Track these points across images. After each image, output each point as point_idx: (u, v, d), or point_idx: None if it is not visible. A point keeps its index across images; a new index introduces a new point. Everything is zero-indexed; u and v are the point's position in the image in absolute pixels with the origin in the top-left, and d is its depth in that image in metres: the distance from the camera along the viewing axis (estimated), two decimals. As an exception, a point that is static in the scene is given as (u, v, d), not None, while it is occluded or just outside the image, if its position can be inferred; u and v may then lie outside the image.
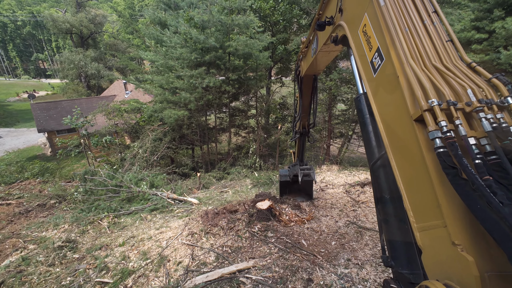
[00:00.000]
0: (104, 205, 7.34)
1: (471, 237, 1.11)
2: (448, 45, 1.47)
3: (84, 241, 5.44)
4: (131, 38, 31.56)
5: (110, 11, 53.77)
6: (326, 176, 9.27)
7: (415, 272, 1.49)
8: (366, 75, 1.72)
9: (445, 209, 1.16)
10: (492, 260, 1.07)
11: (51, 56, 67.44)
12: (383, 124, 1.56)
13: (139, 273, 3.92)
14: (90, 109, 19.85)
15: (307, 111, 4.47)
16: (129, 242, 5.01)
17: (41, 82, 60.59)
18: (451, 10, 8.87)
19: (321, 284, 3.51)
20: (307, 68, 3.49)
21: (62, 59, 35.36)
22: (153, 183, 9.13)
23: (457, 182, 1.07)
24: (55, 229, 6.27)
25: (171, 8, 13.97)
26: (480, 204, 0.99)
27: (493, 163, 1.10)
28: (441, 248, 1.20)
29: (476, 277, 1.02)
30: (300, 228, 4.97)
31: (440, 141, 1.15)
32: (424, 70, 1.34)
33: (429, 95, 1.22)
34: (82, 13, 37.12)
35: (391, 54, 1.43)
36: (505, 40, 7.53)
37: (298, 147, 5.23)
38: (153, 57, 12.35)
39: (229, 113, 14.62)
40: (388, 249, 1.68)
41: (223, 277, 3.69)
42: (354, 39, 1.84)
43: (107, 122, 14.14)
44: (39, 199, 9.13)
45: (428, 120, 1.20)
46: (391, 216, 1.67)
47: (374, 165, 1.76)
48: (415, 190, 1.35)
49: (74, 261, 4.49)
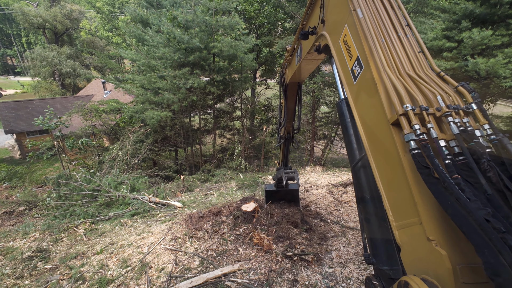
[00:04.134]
0: (80, 211, 6.93)
1: (444, 233, 1.19)
2: (420, 56, 1.59)
3: (57, 250, 5.09)
4: (111, 36, 30.26)
5: (87, 6, 51.26)
6: (310, 177, 9.44)
7: (395, 268, 1.56)
8: (347, 81, 1.82)
9: (420, 207, 1.23)
10: (463, 253, 1.15)
11: (20, 52, 62.80)
12: (363, 127, 1.65)
13: (119, 282, 3.73)
14: (65, 109, 18.72)
15: (291, 117, 4.58)
16: (107, 250, 4.77)
17: (9, 79, 56.22)
18: (424, 20, 9.44)
19: (306, 284, 3.55)
20: (292, 76, 3.60)
21: (34, 56, 33.06)
22: (134, 186, 8.77)
23: (430, 181, 1.15)
24: (24, 238, 5.82)
25: (153, 6, 13.60)
26: (451, 201, 1.06)
27: (461, 163, 1.20)
28: (418, 245, 1.27)
29: (449, 269, 1.09)
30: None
31: (414, 143, 1.24)
32: (399, 78, 1.44)
33: (404, 101, 1.32)
34: (56, 7, 35.03)
35: (370, 63, 1.53)
36: (471, 49, 8.14)
37: (282, 152, 5.34)
38: (134, 56, 11.92)
39: (213, 115, 14.46)
40: (370, 247, 1.74)
41: (208, 282, 3.62)
42: (336, 48, 1.94)
43: (84, 123, 13.42)
44: (5, 206, 8.43)
45: (404, 124, 1.29)
46: (372, 215, 1.74)
47: (356, 166, 1.85)
48: (393, 189, 1.43)
49: (46, 272, 4.18)
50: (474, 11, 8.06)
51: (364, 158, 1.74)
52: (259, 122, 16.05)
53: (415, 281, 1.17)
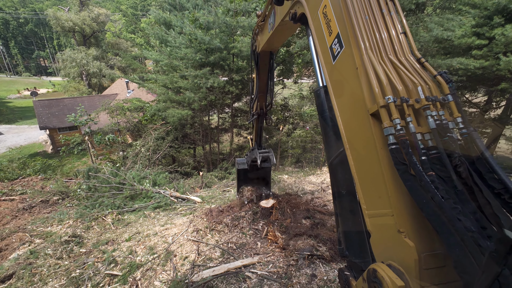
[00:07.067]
0: (108, 202, 7.42)
1: (413, 226, 1.26)
2: (402, 38, 1.48)
3: (89, 237, 5.52)
4: (134, 38, 31.73)
5: (112, 9, 53.95)
6: (327, 178, 9.39)
7: (366, 260, 1.65)
8: (325, 60, 1.65)
9: (394, 200, 1.28)
10: (426, 242, 1.23)
11: (52, 54, 67.44)
12: (341, 116, 1.56)
13: (147, 267, 4.01)
14: (92, 107, 19.92)
15: (264, 90, 4.17)
16: (135, 238, 5.10)
17: (42, 79, 60.57)
18: (452, 16, 9.02)
19: (324, 279, 3.62)
20: (264, 44, 3.21)
21: (64, 57, 35.46)
22: (156, 181, 9.20)
23: (406, 178, 1.18)
24: (59, 225, 6.35)
25: (176, 8, 14.12)
26: (426, 199, 1.11)
27: (434, 157, 1.23)
28: (388, 234, 1.33)
29: (415, 260, 1.18)
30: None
31: (393, 138, 1.22)
32: (381, 63, 1.36)
33: (385, 92, 1.26)
34: (85, 11, 37.27)
35: (351, 43, 1.40)
36: (504, 46, 7.69)
37: (256, 130, 4.85)
38: (158, 57, 12.46)
39: (231, 114, 14.74)
40: (343, 241, 1.80)
41: (229, 271, 3.79)
42: (314, 19, 1.73)
43: (110, 120, 14.22)
44: (42, 195, 9.19)
45: (384, 117, 1.25)
46: (347, 210, 1.78)
47: (333, 162, 1.81)
48: (368, 181, 1.43)
49: (81, 255, 4.57)
50: (508, 6, 7.61)
51: (342, 154, 1.66)
52: (275, 122, 16.11)
53: (382, 268, 1.27)
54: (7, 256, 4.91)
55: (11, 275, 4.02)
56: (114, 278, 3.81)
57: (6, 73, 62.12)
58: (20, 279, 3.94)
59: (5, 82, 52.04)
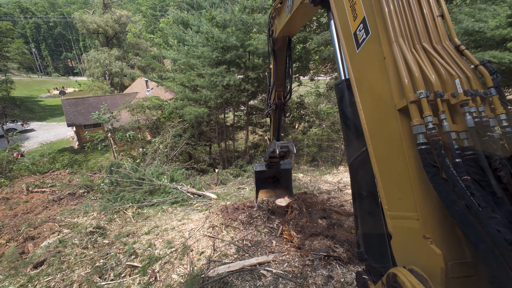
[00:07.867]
0: (129, 196, 7.75)
1: (440, 232, 1.16)
2: (439, 21, 1.30)
3: (112, 228, 5.79)
4: (153, 38, 32.85)
5: (132, 11, 55.92)
6: (344, 177, 9.14)
7: (386, 266, 1.55)
8: (348, 48, 1.50)
9: (420, 204, 1.18)
10: (455, 250, 1.13)
11: (78, 55, 71.45)
12: (364, 111, 1.41)
13: (165, 260, 4.14)
14: (114, 105, 20.86)
15: (282, 79, 3.90)
16: (154, 231, 5.29)
17: (69, 79, 64.44)
18: (485, 6, 8.37)
19: (341, 281, 3.53)
20: (281, 29, 3.01)
21: (89, 58, 37.46)
22: (173, 177, 9.47)
23: (437, 182, 1.06)
24: (85, 216, 6.73)
25: (193, 8, 14.36)
26: (459, 206, 1.00)
27: (469, 159, 1.10)
28: (411, 238, 1.24)
29: (442, 268, 1.08)
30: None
31: (423, 137, 1.10)
32: (413, 52, 1.21)
33: (417, 85, 1.12)
34: (108, 13, 39.00)
35: (379, 29, 1.24)
36: (545, 38, 7.02)
37: (273, 122, 4.53)
38: (176, 56, 12.76)
39: (246, 111, 14.78)
40: (363, 244, 1.73)
41: (244, 268, 3.81)
42: (336, 1, 1.58)
43: (131, 118, 14.82)
44: (69, 188, 9.80)
45: (414, 113, 1.12)
46: (368, 212, 1.69)
47: (354, 162, 1.69)
48: (391, 180, 1.32)
49: (105, 246, 4.82)
50: (551, -6, 6.91)
51: (363, 153, 1.54)
52: (290, 120, 15.94)
53: (403, 273, 1.18)
54: (39, 244, 5.30)
55: (42, 261, 4.33)
56: (134, 269, 3.97)
57: (38, 74, 66.75)
58: (50, 265, 4.23)
59: (37, 82, 55.96)
